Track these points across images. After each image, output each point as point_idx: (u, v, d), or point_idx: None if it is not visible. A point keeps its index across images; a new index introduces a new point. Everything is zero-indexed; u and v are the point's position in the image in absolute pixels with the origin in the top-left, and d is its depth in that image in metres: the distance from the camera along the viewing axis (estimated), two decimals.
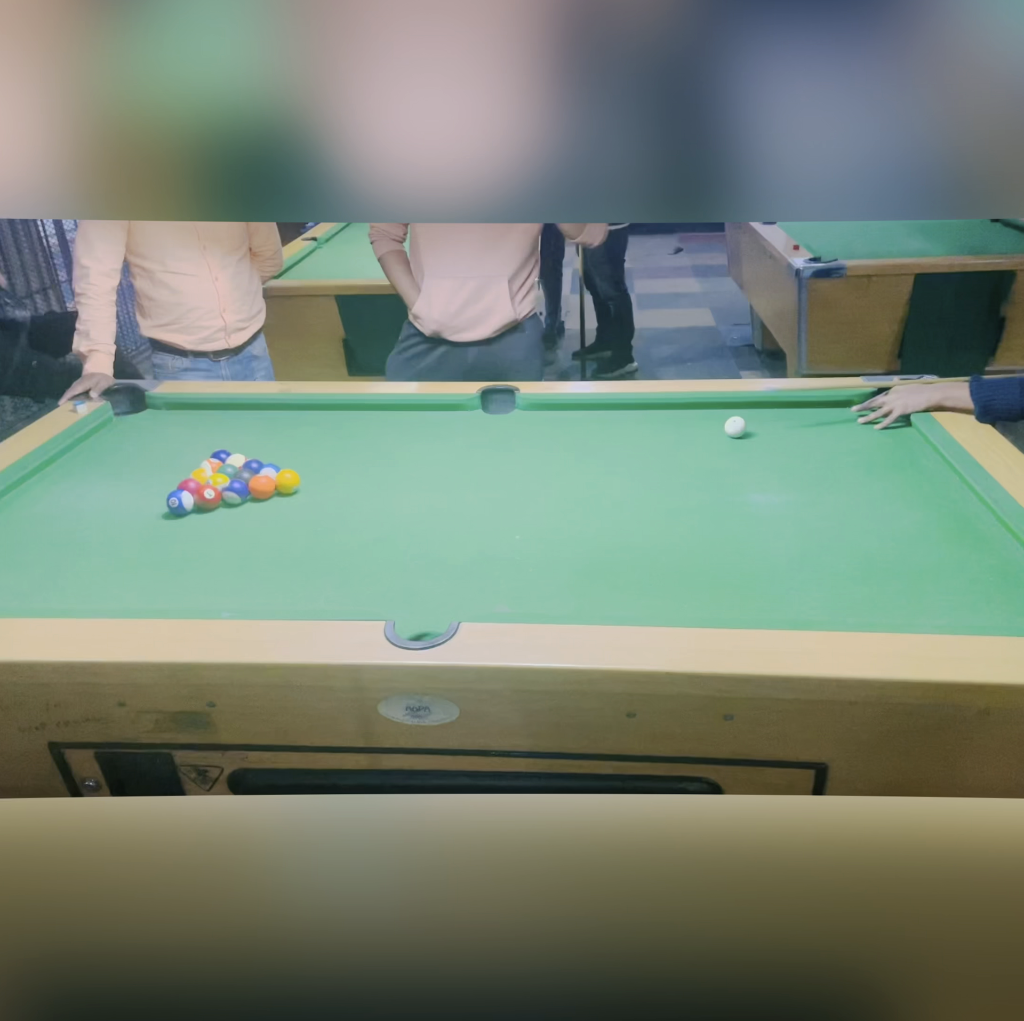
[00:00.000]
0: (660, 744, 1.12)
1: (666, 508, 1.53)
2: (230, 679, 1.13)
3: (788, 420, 1.85)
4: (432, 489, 1.64)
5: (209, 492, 1.56)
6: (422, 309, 2.31)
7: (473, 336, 2.32)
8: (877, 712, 1.06)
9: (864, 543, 1.37)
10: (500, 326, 2.32)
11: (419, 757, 1.17)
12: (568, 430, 1.88)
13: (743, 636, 1.11)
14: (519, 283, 2.31)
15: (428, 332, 2.33)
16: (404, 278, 2.33)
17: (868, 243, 3.47)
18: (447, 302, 2.27)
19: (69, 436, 1.86)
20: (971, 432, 1.67)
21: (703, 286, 6.79)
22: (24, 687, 1.16)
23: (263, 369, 2.51)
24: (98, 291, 2.12)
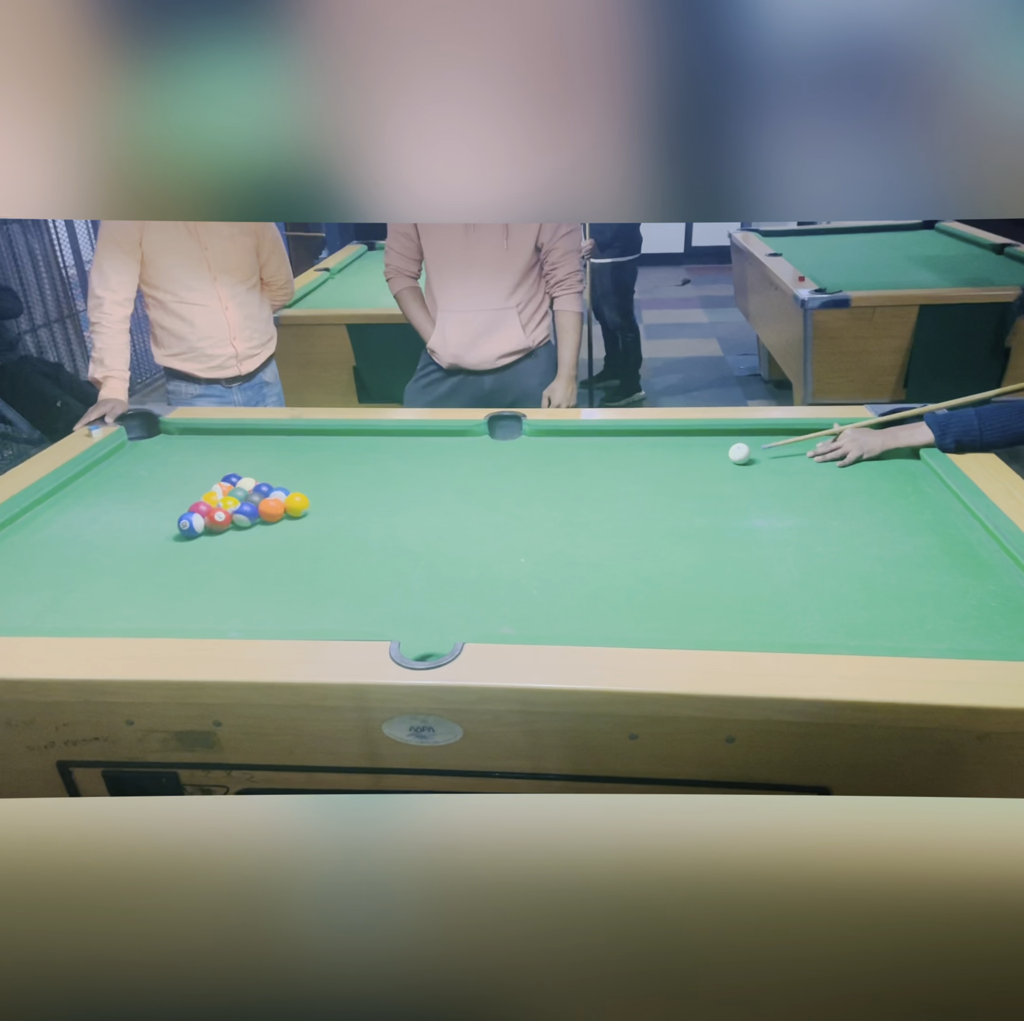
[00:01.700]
0: (662, 766, 1.13)
1: (670, 532, 1.54)
2: (236, 698, 1.14)
3: (792, 447, 1.87)
4: (438, 513, 1.66)
5: (220, 515, 1.58)
6: (438, 343, 2.38)
7: (488, 365, 2.38)
8: (878, 735, 1.06)
9: (866, 568, 1.38)
10: (513, 355, 2.38)
11: (422, 778, 1.18)
12: (574, 456, 1.90)
13: (745, 659, 1.12)
14: (530, 313, 2.38)
15: (445, 365, 2.40)
16: (419, 313, 2.41)
17: (873, 275, 3.50)
18: (460, 334, 2.34)
19: (83, 460, 1.90)
20: (974, 460, 1.69)
21: (710, 317, 6.85)
22: (34, 705, 1.18)
23: (274, 394, 2.55)
24: (112, 320, 2.17)
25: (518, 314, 2.34)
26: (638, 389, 4.92)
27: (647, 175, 0.46)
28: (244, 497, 1.66)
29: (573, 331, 2.40)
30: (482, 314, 2.32)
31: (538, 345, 2.43)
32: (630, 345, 4.80)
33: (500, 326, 2.34)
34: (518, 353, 2.39)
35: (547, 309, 2.45)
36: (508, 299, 2.32)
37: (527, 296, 2.36)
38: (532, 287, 2.36)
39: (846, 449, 1.80)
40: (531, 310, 2.38)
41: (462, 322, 2.33)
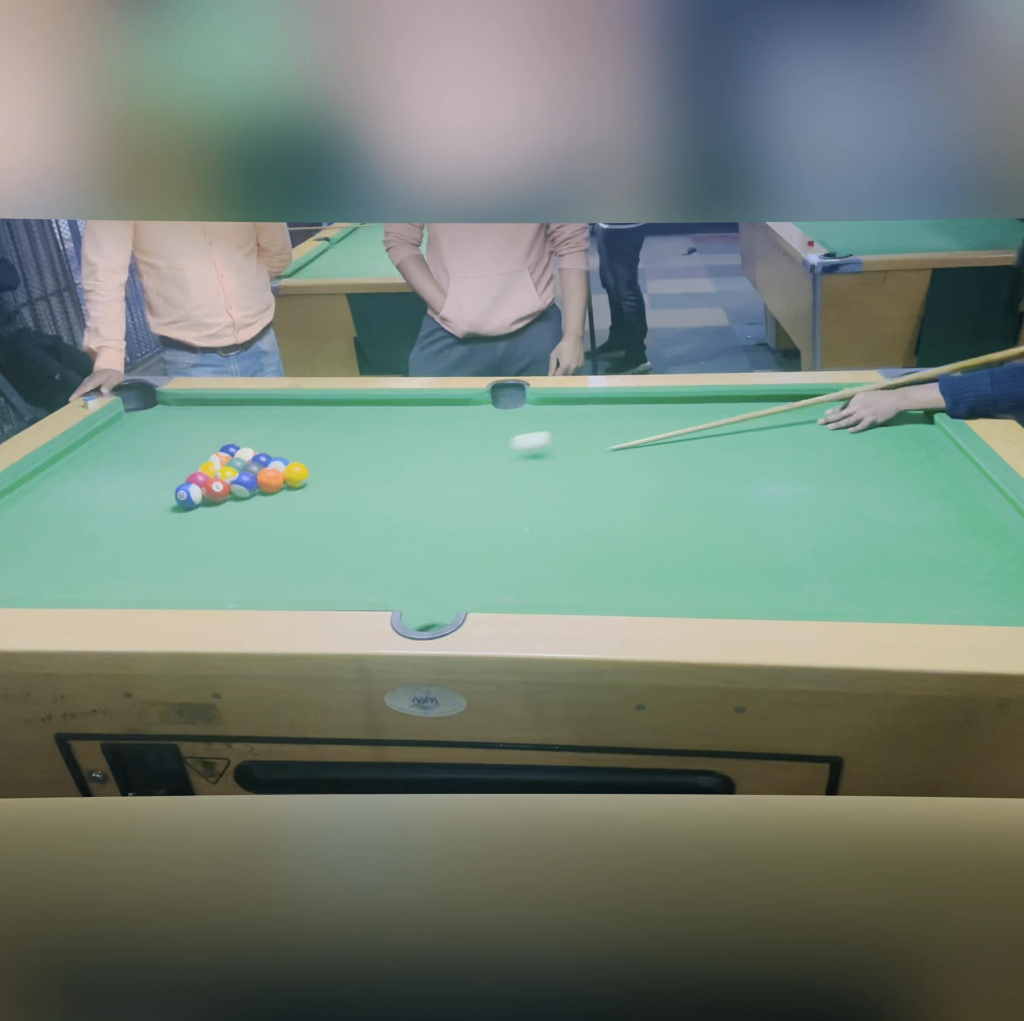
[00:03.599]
0: (670, 737, 1.10)
1: (678, 500, 1.51)
2: (235, 670, 1.12)
3: (801, 413, 1.82)
4: (441, 483, 1.62)
5: (217, 485, 1.55)
6: (452, 311, 2.31)
7: (505, 330, 2.33)
8: (893, 705, 1.03)
9: (880, 535, 1.35)
10: (527, 318, 2.34)
11: (426, 749, 1.16)
12: (579, 424, 1.87)
13: (755, 627, 1.09)
14: (539, 272, 2.33)
15: (460, 334, 2.34)
16: (427, 282, 2.33)
17: (884, 238, 3.43)
18: (477, 301, 2.28)
19: (80, 431, 1.86)
20: (991, 425, 1.64)
21: (717, 286, 6.76)
22: (31, 678, 1.16)
23: (272, 364, 2.51)
24: (106, 288, 2.13)
25: (531, 275, 2.29)
26: (643, 359, 4.87)
27: (667, 173, 0.44)
28: (242, 467, 1.63)
29: (580, 290, 2.34)
30: (498, 278, 2.26)
31: (548, 306, 2.38)
32: (634, 315, 4.73)
33: (516, 289, 2.28)
34: (531, 316, 2.34)
35: (553, 268, 2.40)
36: (524, 261, 2.27)
37: (538, 256, 2.31)
38: (542, 246, 2.32)
39: (859, 415, 1.75)
40: (541, 269, 2.33)
41: (477, 288, 2.27)
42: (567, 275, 2.35)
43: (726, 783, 1.13)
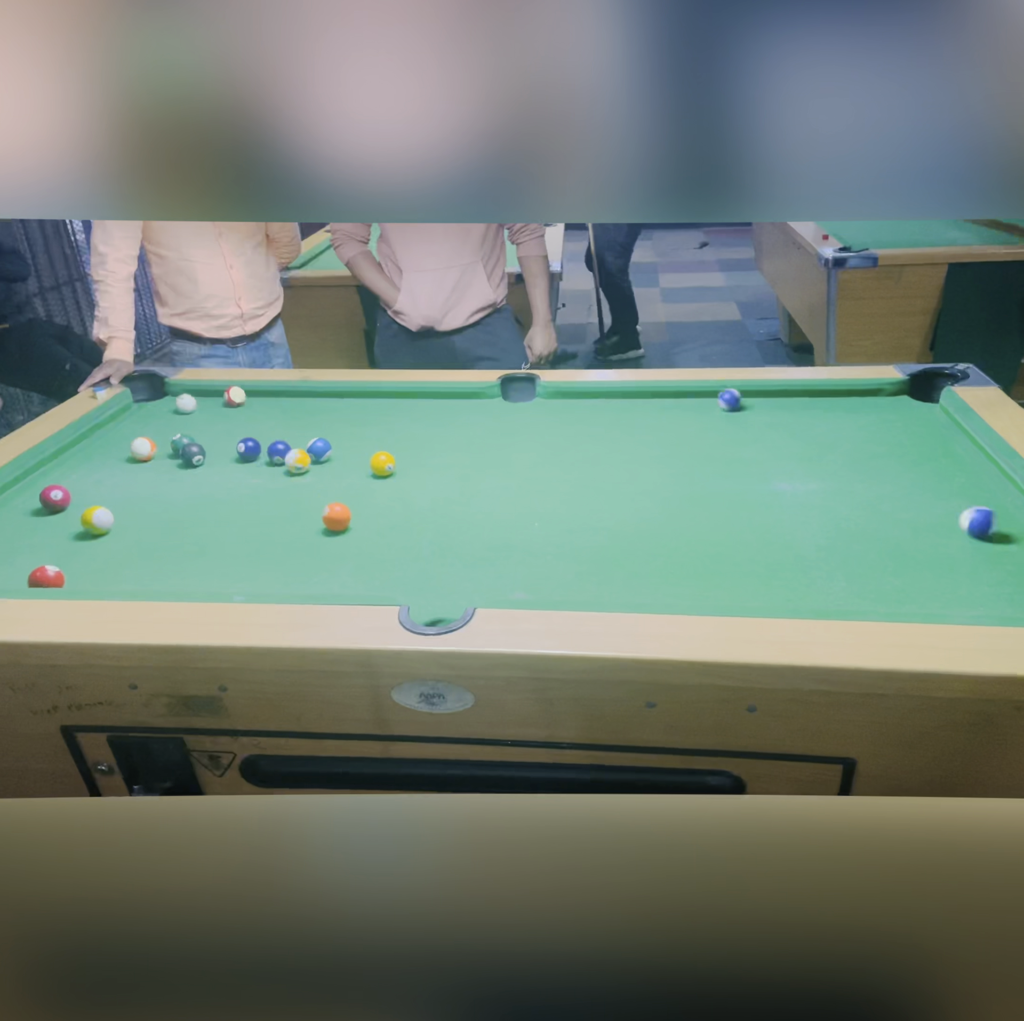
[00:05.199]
0: (681, 736, 1.09)
1: (689, 496, 1.49)
2: (242, 663, 1.11)
3: (815, 409, 1.80)
4: (450, 476, 1.61)
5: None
6: (406, 305, 2.29)
7: (460, 323, 2.31)
8: (907, 706, 1.02)
9: (895, 533, 1.33)
10: (482, 311, 2.32)
11: (433, 745, 1.15)
12: (590, 418, 1.85)
13: (768, 625, 1.07)
14: (492, 266, 2.31)
15: (415, 327, 2.31)
16: (379, 278, 2.32)
17: (900, 232, 3.39)
18: (432, 295, 2.26)
19: (88, 422, 1.86)
20: (1009, 421, 1.62)
21: (728, 280, 6.72)
22: (37, 669, 1.16)
23: (281, 355, 2.50)
24: (116, 278, 2.13)
25: (483, 267, 2.27)
26: (637, 346, 4.88)
27: (661, 172, 0.42)
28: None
29: (542, 276, 2.33)
30: (452, 270, 2.24)
31: (502, 301, 2.37)
32: (623, 301, 4.76)
33: (471, 282, 2.26)
34: (486, 309, 2.32)
35: (505, 262, 2.38)
36: (478, 251, 2.25)
37: (490, 248, 2.28)
38: (495, 237, 2.29)
39: None
40: (493, 262, 2.31)
41: (432, 281, 2.24)
42: (527, 263, 2.32)
43: (737, 783, 1.12)
